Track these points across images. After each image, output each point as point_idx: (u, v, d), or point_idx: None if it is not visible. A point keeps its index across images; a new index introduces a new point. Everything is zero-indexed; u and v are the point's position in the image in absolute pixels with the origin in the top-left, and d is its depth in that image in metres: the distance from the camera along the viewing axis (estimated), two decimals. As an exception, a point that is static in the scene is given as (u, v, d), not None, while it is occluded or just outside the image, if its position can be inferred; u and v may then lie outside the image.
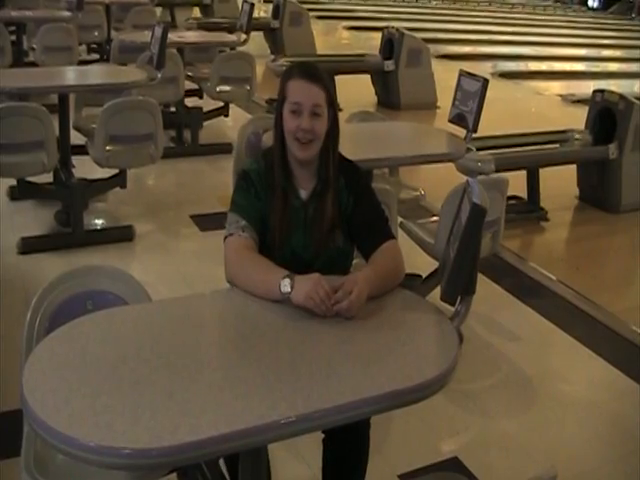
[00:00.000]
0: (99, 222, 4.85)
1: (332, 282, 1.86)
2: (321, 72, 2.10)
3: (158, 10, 10.41)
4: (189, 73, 6.66)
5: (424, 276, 3.61)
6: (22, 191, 4.68)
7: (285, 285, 1.83)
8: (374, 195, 2.21)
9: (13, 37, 7.71)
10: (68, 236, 4.45)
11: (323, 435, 2.20)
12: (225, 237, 2.05)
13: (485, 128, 4.07)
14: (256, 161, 2.18)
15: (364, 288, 1.86)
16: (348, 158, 2.23)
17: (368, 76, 8.96)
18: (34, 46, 7.30)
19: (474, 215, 1.97)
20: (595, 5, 31.47)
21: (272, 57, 8.51)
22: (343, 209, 2.15)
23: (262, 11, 13.94)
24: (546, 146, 5.99)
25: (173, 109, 6.59)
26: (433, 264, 3.30)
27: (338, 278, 1.89)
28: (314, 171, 2.15)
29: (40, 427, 1.41)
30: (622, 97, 5.77)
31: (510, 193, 3.80)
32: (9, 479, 2.40)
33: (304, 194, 2.14)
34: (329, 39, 14.50)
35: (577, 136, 5.90)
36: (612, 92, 5.92)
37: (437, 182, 4.23)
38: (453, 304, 2.15)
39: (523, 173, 5.59)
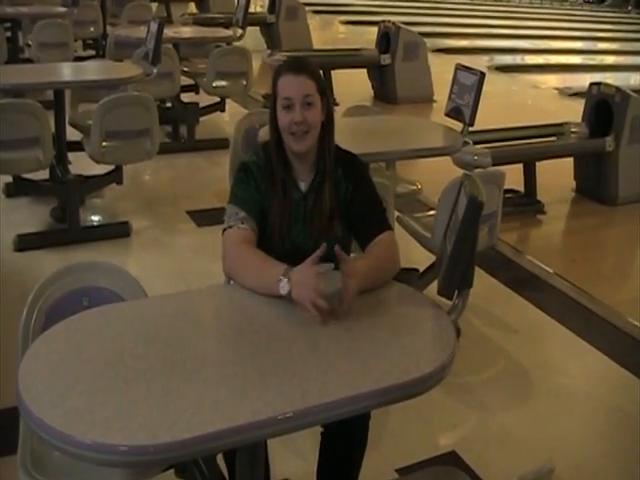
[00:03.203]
0: (95, 218, 4.84)
1: (328, 274, 1.86)
2: (307, 63, 2.11)
3: (154, 5, 10.37)
4: (185, 68, 6.64)
5: (421, 270, 3.61)
6: (18, 188, 4.68)
7: (283, 287, 1.81)
8: (372, 185, 2.21)
9: (8, 33, 7.68)
10: (64, 233, 4.44)
11: (322, 429, 2.19)
12: (224, 229, 2.04)
13: (482, 121, 4.06)
14: (255, 154, 2.18)
15: (359, 286, 1.85)
16: (345, 149, 2.23)
17: (364, 70, 8.95)
18: (29, 42, 7.28)
19: (471, 209, 1.97)
20: (591, -2, 31.38)
21: (268, 52, 8.50)
22: (342, 199, 2.15)
23: (258, 6, 13.90)
24: (543, 139, 5.97)
25: (169, 105, 6.59)
26: (430, 258, 3.31)
27: (336, 272, 1.89)
28: (312, 163, 2.15)
29: (36, 424, 1.40)
30: (618, 90, 5.76)
31: (507, 186, 3.79)
32: (6, 477, 2.40)
33: (303, 186, 2.15)
34: (325, 33, 14.47)
35: (574, 129, 5.89)
36: (608, 85, 5.90)
37: (434, 176, 4.22)
38: (450, 298, 2.16)
39: (520, 166, 5.58)
